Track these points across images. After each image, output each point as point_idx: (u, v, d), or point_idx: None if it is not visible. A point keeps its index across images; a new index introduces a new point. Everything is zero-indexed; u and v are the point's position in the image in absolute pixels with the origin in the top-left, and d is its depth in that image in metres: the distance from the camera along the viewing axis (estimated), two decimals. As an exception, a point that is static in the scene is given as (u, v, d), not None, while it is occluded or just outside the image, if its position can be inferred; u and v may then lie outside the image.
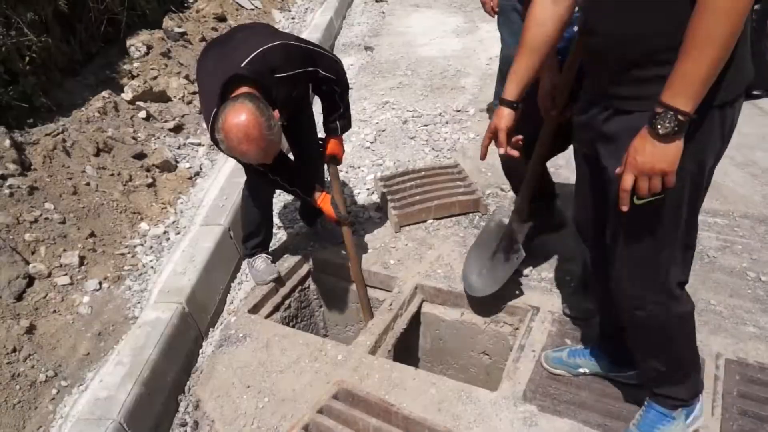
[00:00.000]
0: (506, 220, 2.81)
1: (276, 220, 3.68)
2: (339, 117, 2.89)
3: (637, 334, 1.95)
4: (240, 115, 2.18)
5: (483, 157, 2.09)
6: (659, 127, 1.40)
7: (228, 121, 2.19)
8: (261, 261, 3.15)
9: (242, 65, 2.34)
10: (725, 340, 2.48)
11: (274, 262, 3.23)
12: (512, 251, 2.72)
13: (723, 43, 1.32)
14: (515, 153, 2.05)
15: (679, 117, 1.37)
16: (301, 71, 2.55)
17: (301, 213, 3.56)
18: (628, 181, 1.50)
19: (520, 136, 2.08)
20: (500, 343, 2.92)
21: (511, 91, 1.97)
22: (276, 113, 2.32)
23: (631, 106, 1.58)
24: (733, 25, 1.30)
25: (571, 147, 2.10)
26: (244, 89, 2.31)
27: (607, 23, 1.57)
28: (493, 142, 2.07)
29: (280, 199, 3.91)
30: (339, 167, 3.17)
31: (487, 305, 2.88)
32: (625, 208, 1.53)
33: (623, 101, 1.60)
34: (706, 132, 1.52)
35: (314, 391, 2.46)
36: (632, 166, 1.48)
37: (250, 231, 3.14)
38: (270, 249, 3.28)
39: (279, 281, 3.17)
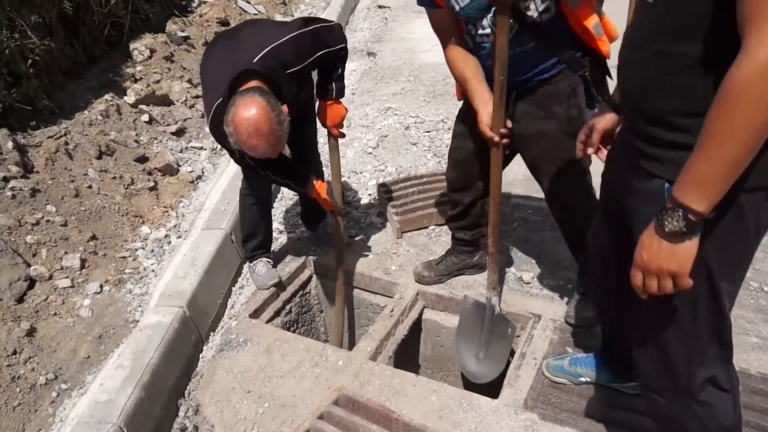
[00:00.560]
0: (482, 299, 2.79)
1: (278, 224, 3.68)
2: (336, 79, 2.80)
3: (652, 412, 1.75)
4: (250, 110, 2.17)
5: (582, 154, 1.86)
6: (666, 224, 1.22)
7: (238, 115, 2.18)
8: (262, 265, 3.14)
9: (254, 60, 2.34)
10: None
11: (275, 266, 3.23)
12: (503, 327, 2.70)
13: (748, 141, 1.10)
14: (603, 156, 1.84)
15: (690, 216, 1.19)
16: (311, 60, 2.55)
17: (302, 217, 3.55)
18: (636, 278, 1.34)
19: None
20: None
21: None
22: (285, 108, 2.32)
23: (651, 168, 1.39)
24: (763, 120, 1.07)
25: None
26: (253, 83, 2.31)
27: (632, 68, 1.42)
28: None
29: (282, 203, 3.91)
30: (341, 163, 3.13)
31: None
32: (643, 296, 1.36)
33: (646, 160, 1.40)
34: (731, 224, 1.30)
35: (315, 397, 2.45)
36: (638, 263, 1.32)
37: (248, 232, 3.13)
38: (271, 254, 3.27)
39: (280, 286, 3.16)
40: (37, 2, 3.94)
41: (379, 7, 8.06)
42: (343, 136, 2.96)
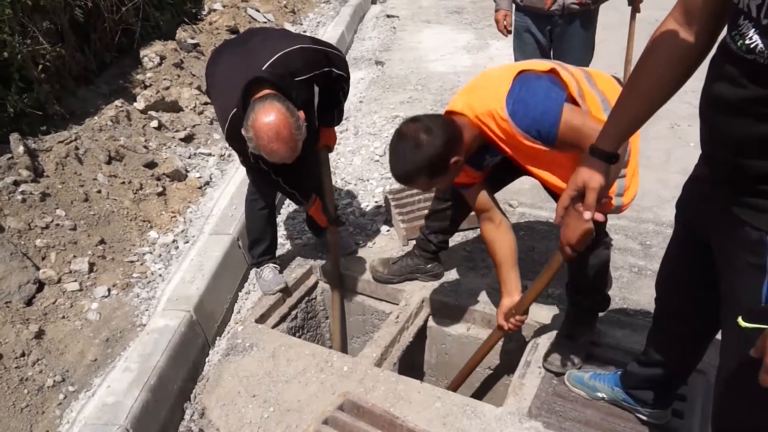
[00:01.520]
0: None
1: (284, 231, 3.70)
2: (337, 110, 2.94)
3: None
4: (270, 115, 2.25)
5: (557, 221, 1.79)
6: None
7: (259, 120, 2.25)
8: (269, 271, 3.16)
9: (263, 68, 2.39)
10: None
11: (281, 272, 3.24)
12: None
13: None
14: (600, 218, 1.73)
15: None
16: (318, 73, 2.60)
17: (308, 223, 3.58)
18: (764, 381, 1.14)
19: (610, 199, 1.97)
20: (506, 358, 2.92)
21: (609, 140, 1.57)
22: (302, 114, 2.38)
23: (746, 217, 1.31)
24: None
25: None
26: (265, 91, 2.36)
27: (731, 125, 1.30)
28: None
29: (288, 209, 3.93)
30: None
31: (494, 321, 2.88)
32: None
33: (740, 208, 1.32)
34: None
35: (320, 402, 2.46)
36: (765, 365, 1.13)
37: (255, 237, 3.16)
38: (277, 259, 3.29)
39: (286, 291, 3.18)
40: (49, 8, 3.99)
41: (388, 16, 8.10)
42: (331, 151, 3.09)
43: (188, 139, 4.32)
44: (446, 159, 2.02)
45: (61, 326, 2.67)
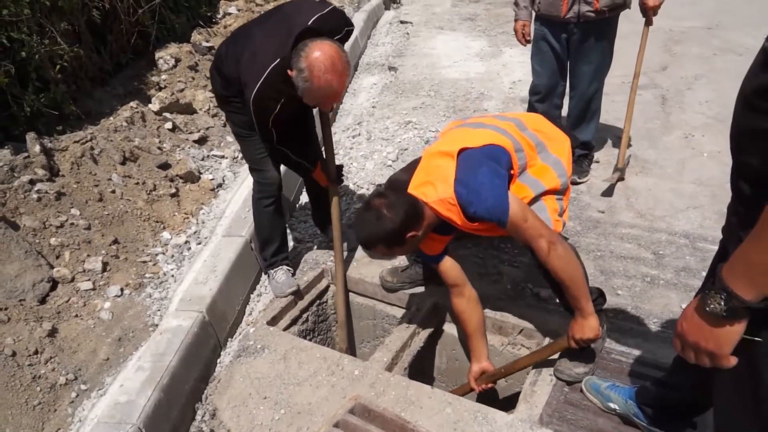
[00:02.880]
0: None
1: (296, 234, 3.71)
2: None
3: None
4: (324, 49, 2.42)
5: None
6: (708, 302, 1.15)
7: (313, 54, 2.41)
8: (282, 273, 3.17)
9: (309, 23, 2.52)
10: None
11: (294, 275, 3.25)
12: None
13: None
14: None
15: (733, 302, 1.11)
16: (346, 31, 2.74)
17: (314, 218, 3.65)
18: (675, 345, 1.30)
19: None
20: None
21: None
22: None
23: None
24: None
25: None
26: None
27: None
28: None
29: (301, 213, 3.95)
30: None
31: (505, 327, 2.88)
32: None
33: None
34: None
35: (330, 405, 2.46)
36: (677, 331, 1.27)
37: (265, 237, 3.17)
38: (289, 264, 3.30)
39: (298, 294, 3.18)
40: (67, 10, 4.02)
41: (401, 22, 8.12)
42: (332, 110, 3.18)
43: (202, 141, 4.34)
44: (403, 234, 2.20)
45: (74, 325, 2.68)
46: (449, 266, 2.58)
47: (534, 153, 2.45)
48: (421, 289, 3.12)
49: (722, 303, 1.12)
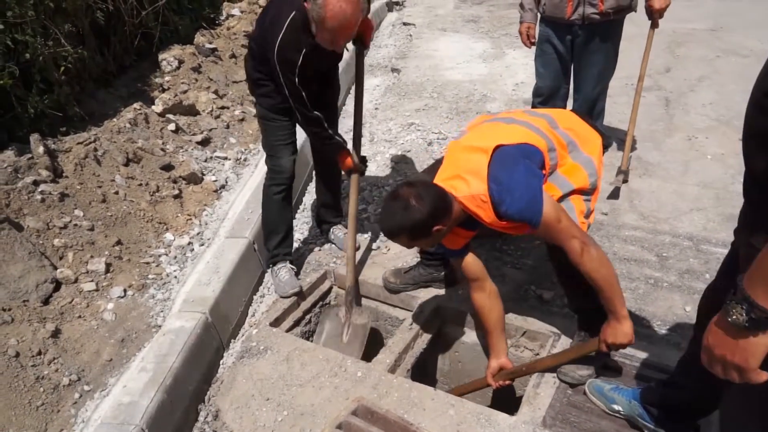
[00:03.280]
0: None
1: (300, 235, 3.71)
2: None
3: None
4: None
5: None
6: (731, 313, 1.11)
7: None
8: (285, 272, 3.19)
9: None
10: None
11: (297, 274, 3.27)
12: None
13: None
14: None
15: (754, 312, 1.08)
16: None
17: (317, 216, 3.69)
18: (703, 360, 1.24)
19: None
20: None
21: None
22: None
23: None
24: None
25: None
26: None
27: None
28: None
29: (305, 214, 3.95)
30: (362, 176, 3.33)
31: (508, 329, 2.87)
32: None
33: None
34: None
35: (333, 407, 2.46)
36: (704, 345, 1.22)
37: (271, 228, 3.22)
38: (293, 263, 3.31)
39: (301, 295, 3.18)
40: (71, 11, 4.04)
41: (404, 24, 8.12)
42: (365, 47, 3.18)
43: (205, 143, 4.34)
44: (430, 226, 2.15)
45: (77, 326, 2.69)
46: (471, 261, 2.52)
47: (565, 152, 2.41)
48: (424, 291, 3.11)
49: (744, 314, 1.09)
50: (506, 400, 2.92)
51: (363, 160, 3.22)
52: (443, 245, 2.48)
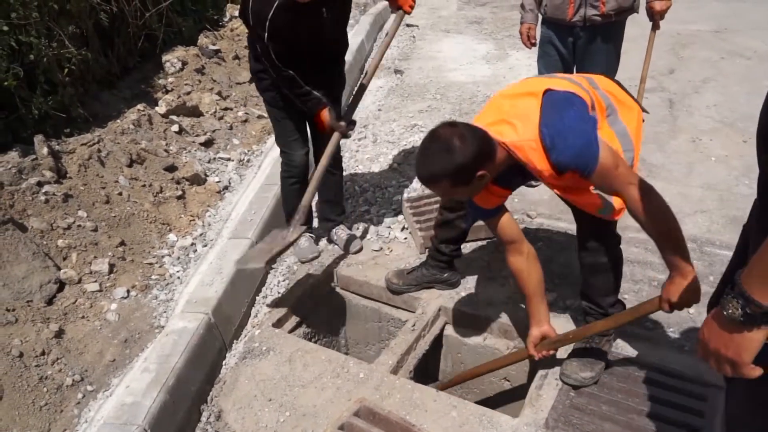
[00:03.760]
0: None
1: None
2: None
3: None
4: None
5: None
6: (727, 307, 1.12)
7: None
8: (305, 239, 3.34)
9: None
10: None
11: (317, 242, 3.44)
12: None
13: None
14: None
15: (750, 307, 1.08)
16: None
17: (319, 218, 3.70)
18: (699, 352, 1.26)
19: None
20: (523, 369, 2.90)
21: None
22: None
23: None
24: None
25: None
26: None
27: None
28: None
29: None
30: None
31: (511, 331, 2.87)
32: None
33: None
34: None
35: (335, 408, 2.46)
36: (700, 337, 1.24)
37: (290, 210, 3.31)
38: (313, 231, 3.47)
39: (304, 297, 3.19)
40: (75, 13, 4.06)
41: (408, 25, 8.12)
42: (408, 12, 3.25)
43: (208, 144, 4.35)
44: (473, 170, 1.97)
45: (80, 326, 2.69)
46: (506, 221, 2.34)
47: (603, 116, 2.21)
48: (426, 292, 3.12)
49: (739, 308, 1.09)
50: (508, 402, 2.93)
51: (351, 123, 3.10)
52: (475, 204, 2.31)
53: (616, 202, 2.23)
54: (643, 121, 2.44)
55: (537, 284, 2.40)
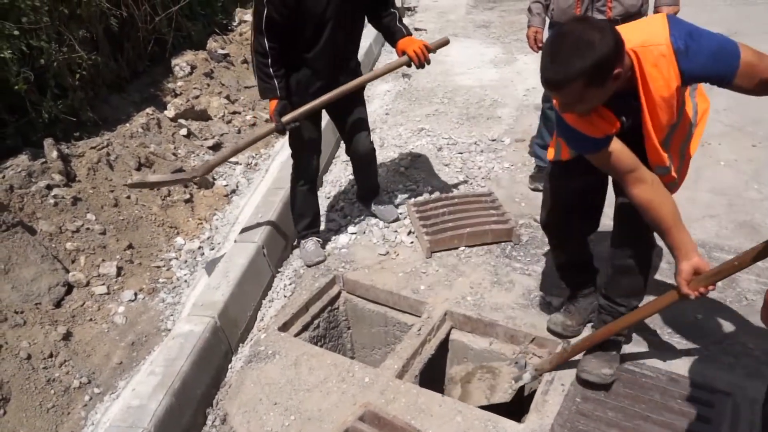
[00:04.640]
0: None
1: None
2: (400, 21, 3.40)
3: None
4: None
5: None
6: None
7: None
8: (311, 243, 3.39)
9: None
10: (762, 387, 2.42)
11: (324, 246, 3.47)
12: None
13: None
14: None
15: None
16: None
17: (358, 195, 3.85)
18: (763, 315, 1.31)
19: None
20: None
21: None
22: None
23: None
24: None
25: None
26: None
27: None
28: None
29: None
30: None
31: (517, 336, 2.87)
32: None
33: None
34: None
35: (340, 412, 2.46)
36: (766, 299, 1.28)
37: (298, 213, 3.40)
38: (320, 234, 3.51)
39: (309, 301, 3.20)
40: (85, 18, 4.09)
41: (416, 29, 8.13)
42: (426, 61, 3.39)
43: (216, 148, 4.37)
44: (611, 67, 1.78)
45: (88, 329, 2.71)
46: (620, 148, 2.04)
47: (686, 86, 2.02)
48: (433, 296, 3.11)
49: None
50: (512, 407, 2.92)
51: (291, 125, 3.00)
52: (585, 135, 2.05)
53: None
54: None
55: (671, 211, 2.08)
